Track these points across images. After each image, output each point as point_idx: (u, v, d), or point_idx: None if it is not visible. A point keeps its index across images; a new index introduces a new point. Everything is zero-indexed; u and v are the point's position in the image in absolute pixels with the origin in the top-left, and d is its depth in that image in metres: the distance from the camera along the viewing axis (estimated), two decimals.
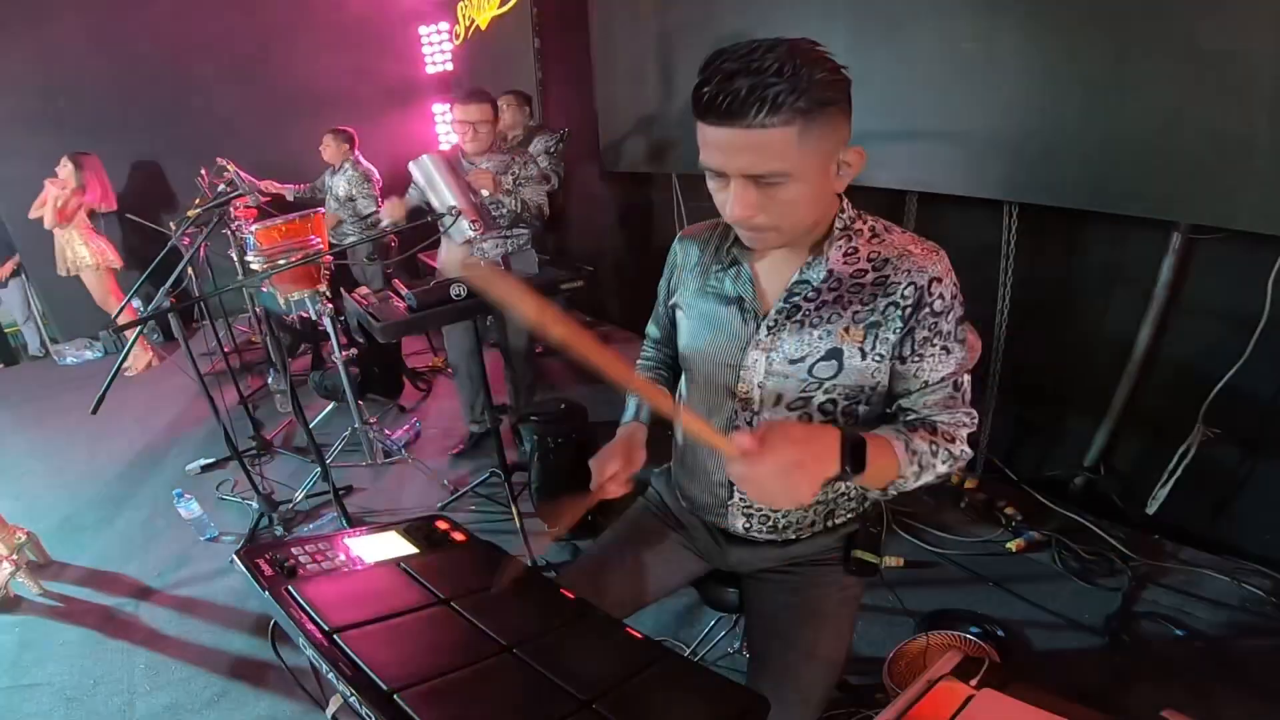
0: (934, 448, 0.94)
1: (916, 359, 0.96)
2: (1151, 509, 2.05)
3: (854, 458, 0.84)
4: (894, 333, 0.95)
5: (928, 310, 0.93)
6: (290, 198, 4.38)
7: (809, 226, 0.94)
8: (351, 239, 4.21)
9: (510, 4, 4.47)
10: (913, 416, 1.00)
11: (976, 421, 1.01)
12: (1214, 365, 1.85)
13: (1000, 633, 1.83)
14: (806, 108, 0.79)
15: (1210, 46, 1.57)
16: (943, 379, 0.97)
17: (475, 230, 2.41)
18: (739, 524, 1.12)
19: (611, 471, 1.07)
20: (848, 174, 0.90)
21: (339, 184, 4.22)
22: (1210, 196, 1.67)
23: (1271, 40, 1.48)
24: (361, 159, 4.26)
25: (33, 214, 4.28)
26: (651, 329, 1.30)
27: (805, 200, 0.88)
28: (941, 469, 0.95)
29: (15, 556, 2.31)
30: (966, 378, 1.00)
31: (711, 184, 0.90)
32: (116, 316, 2.94)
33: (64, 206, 4.19)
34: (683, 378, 1.17)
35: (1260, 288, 1.72)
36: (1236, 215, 1.65)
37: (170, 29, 4.80)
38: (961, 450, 0.97)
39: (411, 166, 2.60)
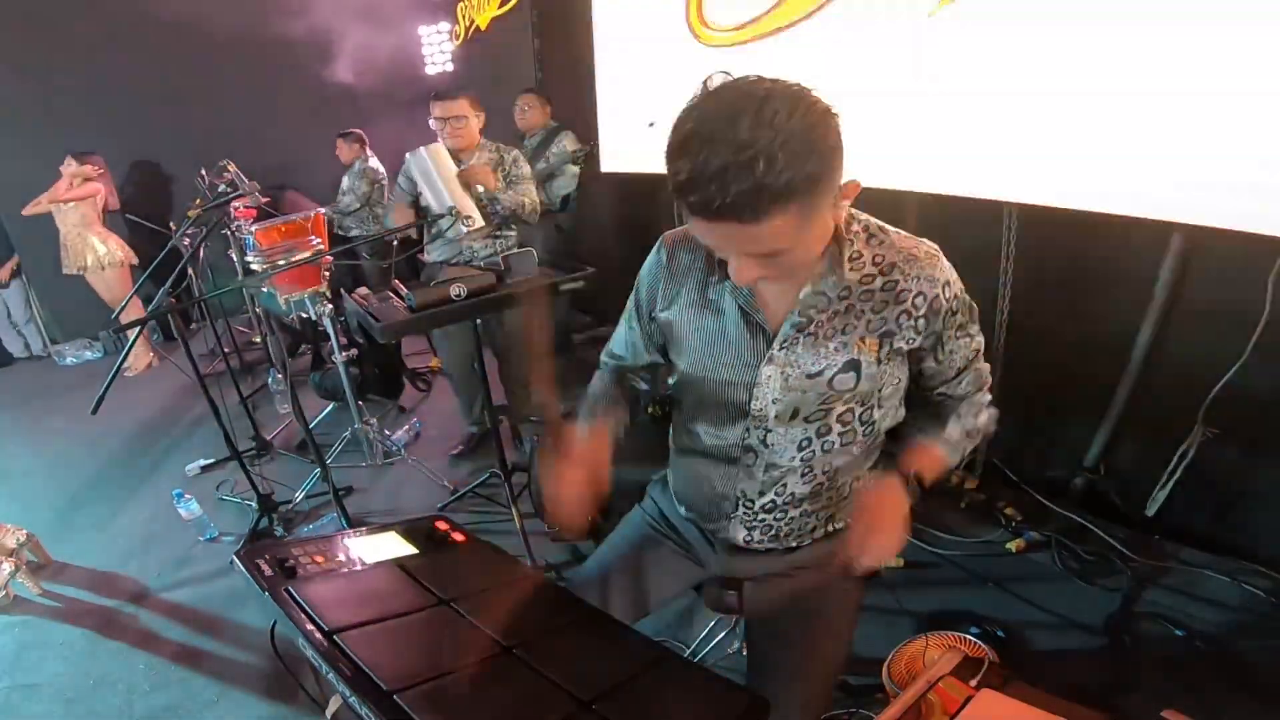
0: (966, 430, 1.08)
1: (949, 355, 1.02)
2: (1151, 510, 2.05)
3: (920, 493, 1.00)
4: (906, 341, 0.96)
5: (948, 313, 0.97)
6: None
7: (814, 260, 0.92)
8: (355, 232, 4.28)
9: (510, 4, 4.47)
10: (947, 400, 1.09)
11: (990, 377, 1.11)
12: (1214, 365, 1.85)
13: (1000, 633, 1.83)
14: (808, 188, 0.74)
15: (1210, 46, 1.57)
16: (969, 361, 1.04)
17: (469, 225, 2.41)
18: (740, 535, 1.11)
19: (570, 492, 1.00)
20: (844, 206, 0.88)
21: (345, 178, 4.40)
22: (1210, 196, 1.67)
23: (1272, 40, 1.48)
24: (371, 158, 4.43)
25: (51, 201, 4.24)
26: (617, 349, 1.21)
27: (810, 253, 0.88)
28: (977, 441, 1.11)
29: (15, 557, 2.31)
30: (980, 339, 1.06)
31: (708, 243, 0.89)
32: (117, 315, 2.94)
33: (82, 189, 4.22)
34: (681, 398, 1.13)
35: (1260, 288, 1.72)
36: (1236, 215, 1.65)
37: (170, 29, 4.80)
38: (991, 416, 1.11)
39: (409, 159, 2.60)
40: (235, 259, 3.10)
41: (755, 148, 0.70)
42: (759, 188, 0.71)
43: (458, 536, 1.08)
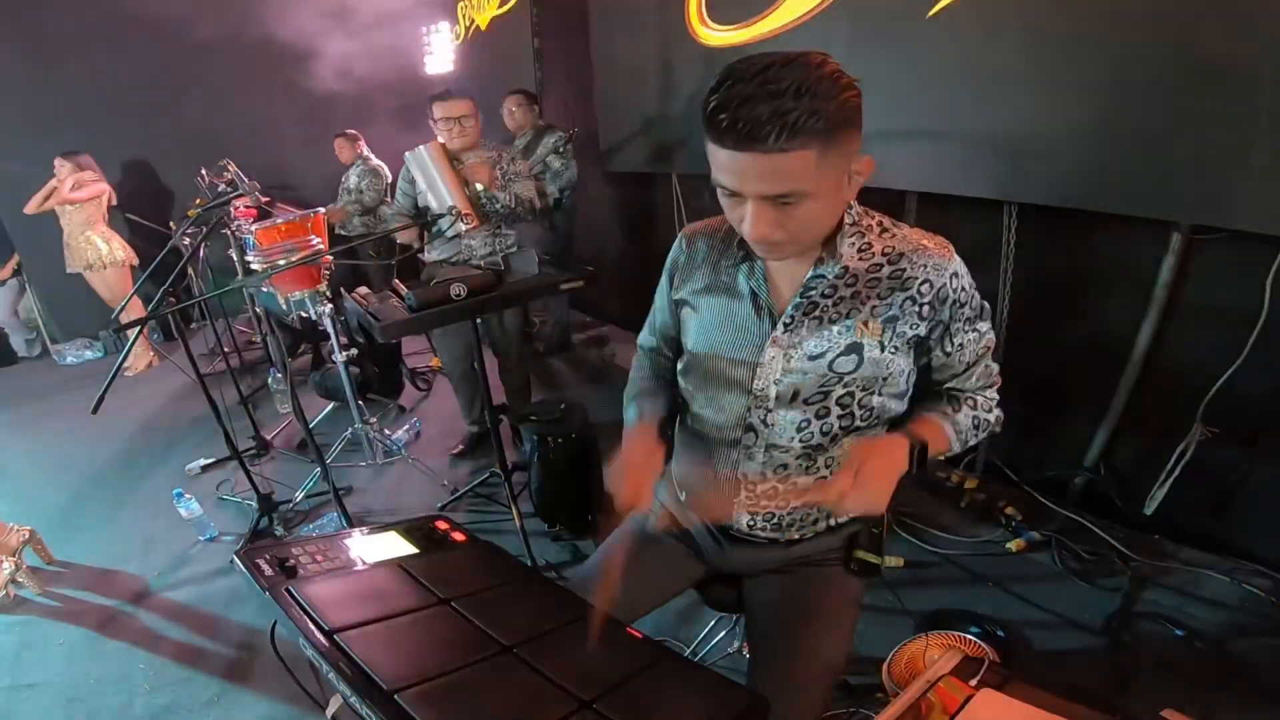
0: (975, 421, 1.07)
1: (958, 349, 1.03)
2: (1149, 509, 2.05)
3: (920, 459, 0.97)
4: (911, 327, 0.97)
5: (955, 303, 0.98)
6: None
7: (823, 236, 0.96)
8: (359, 231, 4.27)
9: (510, 4, 4.47)
10: (957, 395, 1.08)
11: (999, 378, 1.11)
12: (1213, 365, 1.85)
13: (1000, 633, 1.83)
14: (824, 129, 0.79)
15: (1210, 46, 1.57)
16: (979, 357, 1.05)
17: (468, 223, 2.42)
18: (743, 521, 1.12)
19: (635, 487, 1.01)
20: (858, 183, 0.91)
21: (350, 177, 4.36)
22: (1210, 196, 1.67)
23: (1271, 40, 1.48)
24: (372, 157, 4.41)
25: (50, 203, 4.25)
26: (645, 338, 1.27)
27: (821, 214, 0.90)
28: (981, 436, 1.09)
29: (16, 556, 2.31)
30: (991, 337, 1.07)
31: (725, 201, 0.91)
32: (118, 314, 2.95)
33: (81, 192, 4.23)
34: (686, 377, 1.16)
35: (1259, 288, 1.72)
36: (1236, 215, 1.65)
37: (170, 28, 4.80)
38: (997, 417, 1.10)
39: (408, 158, 2.60)
40: (235, 259, 3.10)
41: (780, 84, 0.78)
42: (781, 113, 0.77)
43: (458, 536, 1.09)
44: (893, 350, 0.98)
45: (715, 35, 2.94)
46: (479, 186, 2.59)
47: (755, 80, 0.78)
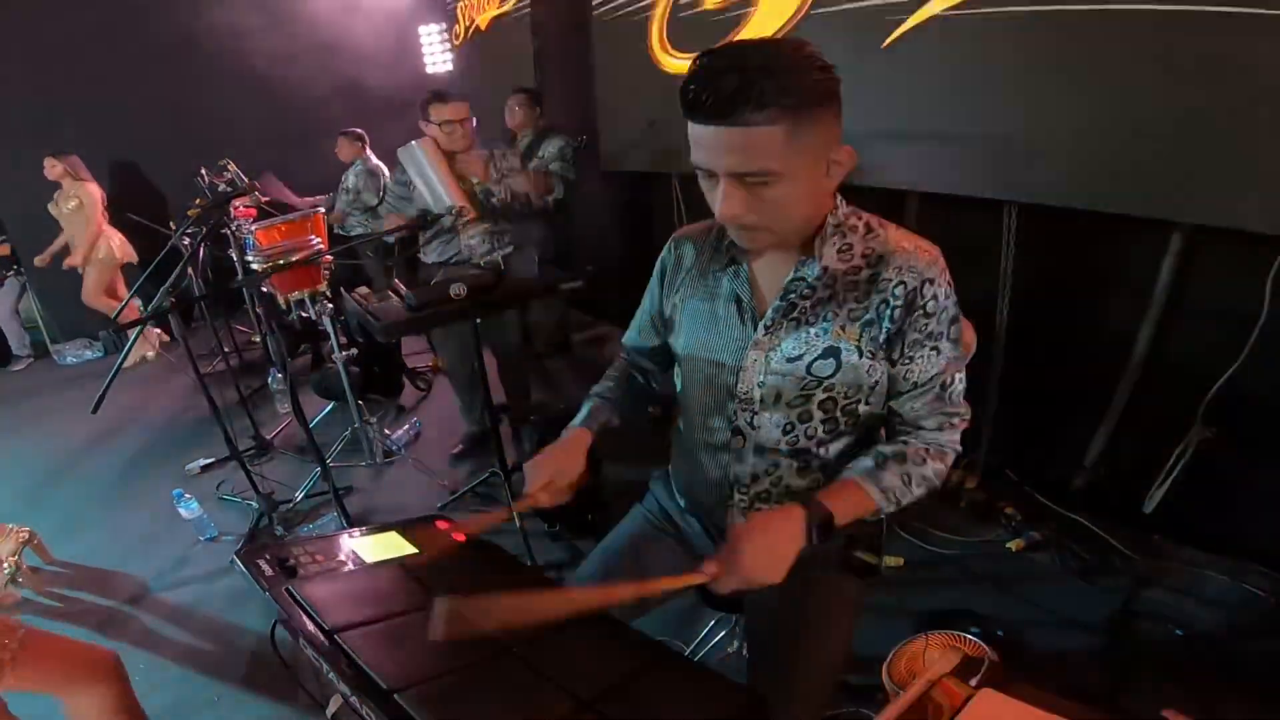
0: (906, 479, 0.98)
1: (906, 361, 0.96)
2: (1148, 507, 2.05)
3: (821, 530, 0.91)
4: (883, 330, 0.95)
5: (920, 312, 0.93)
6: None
7: (800, 225, 0.94)
8: (358, 231, 4.27)
9: (510, 4, 4.47)
10: (898, 424, 1.02)
11: (968, 418, 1.02)
12: (1213, 365, 1.85)
13: (1000, 633, 1.83)
14: (794, 106, 0.79)
15: (1211, 47, 1.57)
16: (931, 379, 0.97)
17: (466, 216, 2.41)
18: (739, 523, 1.12)
19: (542, 482, 1.05)
20: (838, 173, 0.90)
21: (349, 178, 4.35)
22: (1210, 196, 1.67)
23: (1271, 40, 1.48)
24: (372, 157, 4.39)
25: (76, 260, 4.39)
26: (629, 335, 1.28)
27: (794, 200, 0.88)
28: (919, 492, 0.99)
29: (16, 557, 2.31)
30: (958, 376, 0.99)
31: (703, 183, 0.91)
32: (117, 315, 2.96)
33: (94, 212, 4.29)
34: (677, 380, 1.16)
35: (1259, 287, 1.72)
36: (1236, 215, 1.65)
37: (169, 28, 4.80)
38: (936, 470, 1.00)
39: (401, 154, 2.58)
40: (235, 259, 3.09)
41: (750, 60, 0.79)
42: (746, 86, 0.78)
43: (458, 536, 1.08)
44: (870, 355, 0.96)
45: (678, 63, 2.95)
46: (474, 179, 2.59)
47: (728, 57, 0.80)
